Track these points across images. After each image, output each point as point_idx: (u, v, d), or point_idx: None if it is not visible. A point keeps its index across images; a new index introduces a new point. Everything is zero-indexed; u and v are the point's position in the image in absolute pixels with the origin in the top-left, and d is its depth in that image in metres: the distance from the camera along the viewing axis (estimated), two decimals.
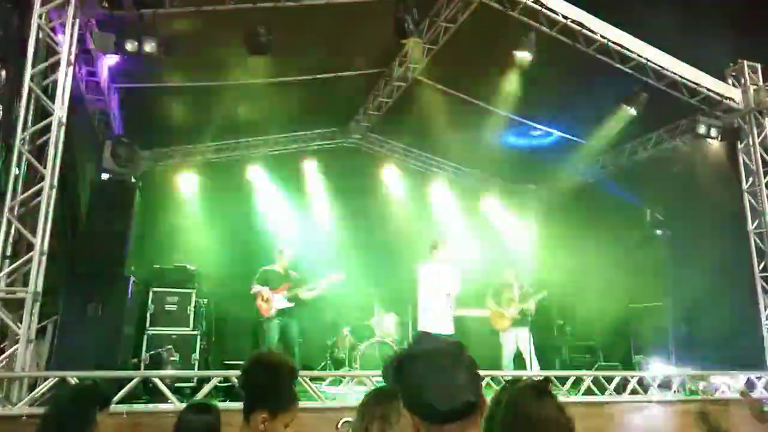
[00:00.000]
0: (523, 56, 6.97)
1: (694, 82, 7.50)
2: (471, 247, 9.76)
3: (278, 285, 7.40)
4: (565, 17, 6.80)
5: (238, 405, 2.26)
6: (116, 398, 4.60)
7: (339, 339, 8.63)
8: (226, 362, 7.76)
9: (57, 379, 4.64)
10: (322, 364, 8.65)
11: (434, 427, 1.28)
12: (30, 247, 4.85)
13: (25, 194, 4.96)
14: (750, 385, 6.69)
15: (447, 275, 7.11)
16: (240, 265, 8.82)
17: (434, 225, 10.66)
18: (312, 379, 5.69)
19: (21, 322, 4.69)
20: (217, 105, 8.39)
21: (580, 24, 6.87)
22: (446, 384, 1.28)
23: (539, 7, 6.66)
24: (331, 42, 7.53)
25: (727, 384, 6.56)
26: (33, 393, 4.57)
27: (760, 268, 7.44)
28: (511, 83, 7.77)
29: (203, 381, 5.41)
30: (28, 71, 5.02)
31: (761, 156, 7.67)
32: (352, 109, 10.28)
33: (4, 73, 5.25)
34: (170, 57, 5.96)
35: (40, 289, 4.84)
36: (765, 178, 7.60)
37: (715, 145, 8.14)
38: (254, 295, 7.44)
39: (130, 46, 5.70)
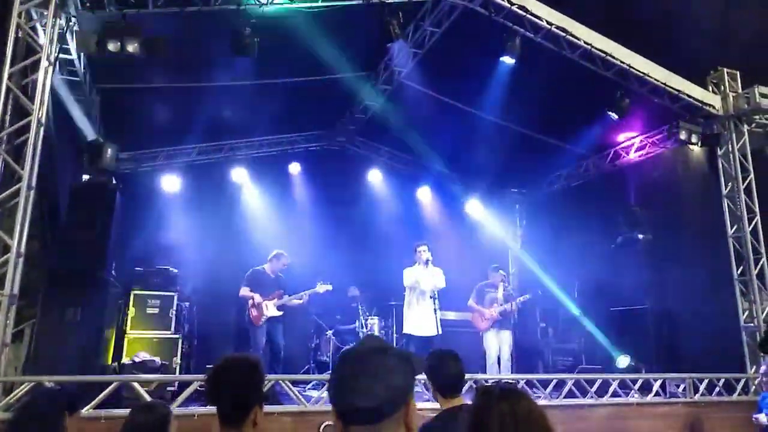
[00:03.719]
0: (508, 61, 7.03)
1: (675, 89, 7.61)
2: (455, 250, 9.78)
3: (269, 290, 7.33)
4: (550, 23, 6.86)
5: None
6: (94, 403, 4.53)
7: (323, 342, 8.61)
8: (209, 366, 7.67)
9: (33, 384, 4.55)
10: (306, 367, 8.61)
11: (342, 425, 1.27)
12: (7, 249, 4.76)
13: (2, 195, 4.86)
14: (729, 387, 6.79)
15: (431, 277, 7.14)
16: (223, 267, 8.75)
17: (419, 228, 10.67)
18: (294, 382, 5.66)
19: None
20: (201, 106, 8.33)
21: (564, 30, 6.93)
22: (347, 385, 1.27)
23: (524, 13, 6.70)
24: (316, 44, 7.50)
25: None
26: (8, 398, 4.49)
27: (739, 272, 7.55)
28: (495, 87, 7.83)
29: (185, 385, 5.34)
30: (6, 70, 4.94)
31: (740, 162, 7.80)
32: (338, 112, 10.27)
33: None
34: (153, 57, 5.89)
35: (16, 291, 4.75)
36: (743, 183, 7.73)
37: (695, 150, 8.27)
38: (242, 298, 7.37)
39: (112, 46, 5.63)
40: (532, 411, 1.54)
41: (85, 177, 7.20)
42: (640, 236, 9.04)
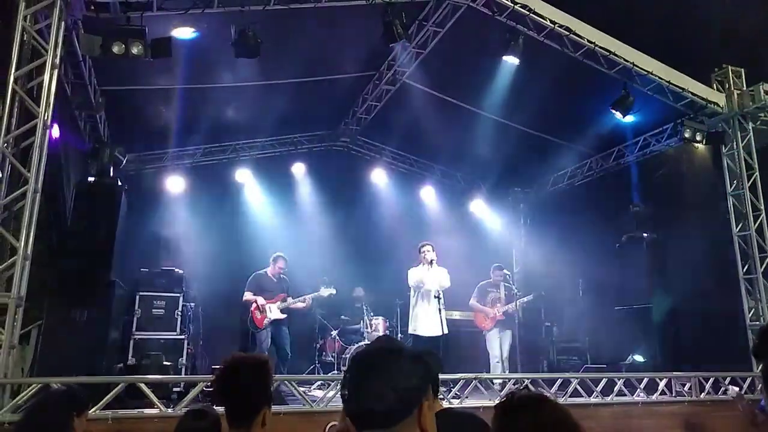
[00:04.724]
0: (511, 60, 7.02)
1: (679, 87, 7.58)
2: (459, 249, 9.77)
3: (272, 293, 7.34)
4: (553, 22, 6.83)
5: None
6: (101, 403, 4.55)
7: (327, 342, 8.62)
8: (215, 366, 7.70)
9: (41, 385, 4.57)
10: (311, 367, 8.62)
11: (356, 428, 1.24)
12: (13, 251, 4.78)
13: (9, 198, 4.89)
14: (735, 385, 6.76)
15: (436, 277, 7.13)
16: (228, 268, 8.78)
17: (423, 227, 10.67)
18: (299, 382, 5.68)
19: (4, 328, 4.61)
20: (205, 107, 8.35)
21: (567, 29, 6.91)
22: (358, 388, 1.24)
23: (527, 12, 6.68)
24: (320, 45, 7.52)
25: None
26: (16, 399, 4.51)
27: (744, 270, 7.52)
28: (499, 87, 7.82)
29: (191, 386, 5.36)
30: (12, 73, 4.96)
31: (745, 160, 7.76)
32: (341, 112, 10.28)
33: None
34: (157, 59, 5.91)
35: (23, 294, 4.77)
36: (749, 181, 7.70)
37: (700, 148, 8.24)
38: (245, 302, 7.39)
39: (116, 48, 5.64)
40: (558, 418, 1.48)
41: (91, 179, 7.21)
42: (645, 235, 9.01)
